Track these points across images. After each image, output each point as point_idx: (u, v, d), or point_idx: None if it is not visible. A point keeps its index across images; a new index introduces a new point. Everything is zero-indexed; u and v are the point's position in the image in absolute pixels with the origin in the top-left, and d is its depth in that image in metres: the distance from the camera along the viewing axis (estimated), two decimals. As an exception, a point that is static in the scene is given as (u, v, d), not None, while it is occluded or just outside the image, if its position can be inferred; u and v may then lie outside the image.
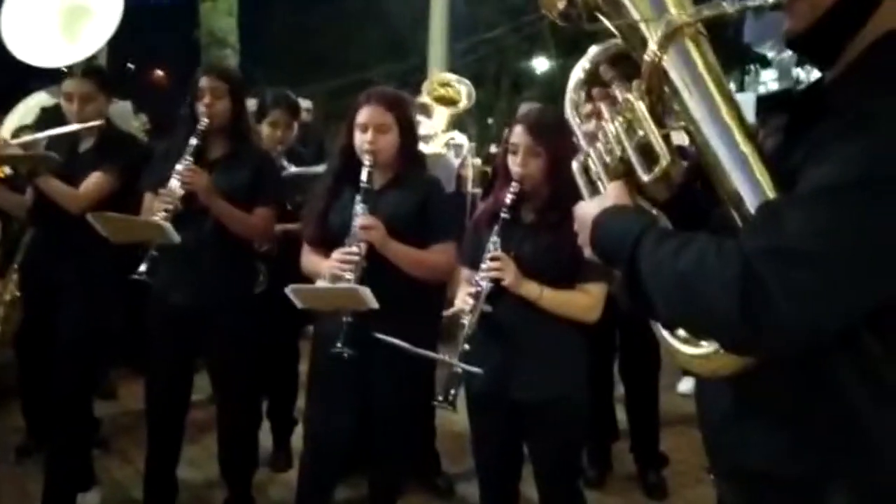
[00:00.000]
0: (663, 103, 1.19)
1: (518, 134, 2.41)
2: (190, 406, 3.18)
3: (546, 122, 2.42)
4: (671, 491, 3.64)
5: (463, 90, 4.66)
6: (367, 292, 2.39)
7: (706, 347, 1.10)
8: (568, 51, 15.95)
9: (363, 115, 2.62)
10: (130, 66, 17.03)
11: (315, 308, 2.64)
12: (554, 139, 2.39)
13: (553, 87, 15.81)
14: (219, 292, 2.96)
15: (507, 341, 2.37)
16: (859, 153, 0.93)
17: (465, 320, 2.32)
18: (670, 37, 1.14)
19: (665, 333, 1.19)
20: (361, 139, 2.61)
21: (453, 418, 2.62)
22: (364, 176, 2.57)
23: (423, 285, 2.67)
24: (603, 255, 1.22)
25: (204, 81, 2.95)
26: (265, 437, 3.74)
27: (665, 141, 1.19)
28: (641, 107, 1.20)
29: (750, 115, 4.41)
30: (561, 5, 1.32)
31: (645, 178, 1.20)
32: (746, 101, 4.66)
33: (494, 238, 2.36)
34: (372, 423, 2.72)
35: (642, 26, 1.19)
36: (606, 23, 1.27)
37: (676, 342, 1.17)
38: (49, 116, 4.00)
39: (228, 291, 3.00)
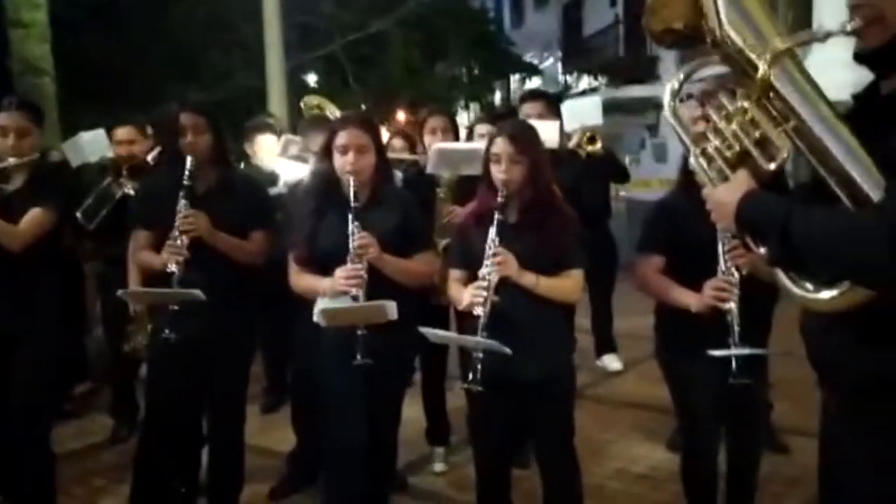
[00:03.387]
0: (767, 108, 1.56)
1: (500, 144, 2.71)
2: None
3: (525, 133, 2.77)
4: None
5: (336, 111, 4.92)
6: (392, 305, 2.61)
7: (831, 292, 1.46)
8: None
9: (344, 138, 2.80)
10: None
11: (336, 325, 2.76)
12: (533, 147, 2.74)
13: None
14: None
15: (511, 326, 2.65)
16: None
17: (479, 311, 2.60)
18: (775, 59, 1.52)
19: (791, 286, 1.54)
20: (343, 161, 2.79)
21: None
22: (351, 196, 2.75)
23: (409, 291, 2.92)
24: (751, 229, 1.55)
25: (184, 118, 2.99)
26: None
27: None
28: (759, 112, 1.56)
29: (597, 116, 5.09)
30: (678, 27, 1.67)
31: (770, 166, 1.55)
32: (593, 104, 5.26)
33: (493, 237, 2.65)
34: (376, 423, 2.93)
35: (748, 52, 1.55)
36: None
37: (803, 291, 1.52)
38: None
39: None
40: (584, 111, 5.11)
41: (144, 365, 3.54)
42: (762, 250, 1.54)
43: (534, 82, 22.12)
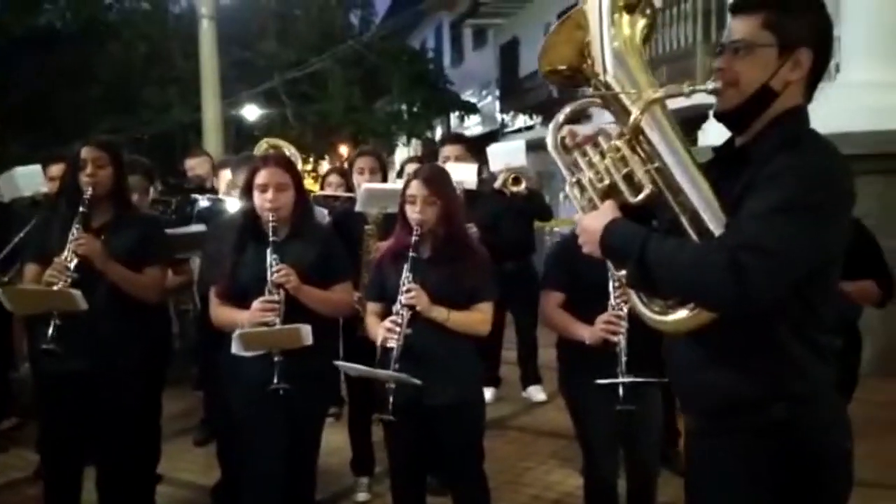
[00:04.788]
0: (636, 149, 1.77)
1: (415, 187, 2.90)
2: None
3: (438, 176, 2.97)
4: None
5: (293, 150, 5.10)
6: (307, 329, 2.74)
7: (678, 314, 1.68)
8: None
9: (263, 177, 2.94)
10: None
11: (252, 350, 2.87)
12: (446, 189, 2.94)
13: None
14: None
15: (422, 357, 2.82)
16: (786, 190, 1.57)
17: (392, 344, 2.77)
18: (647, 106, 1.73)
19: (645, 310, 1.75)
20: (263, 199, 2.94)
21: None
22: (271, 231, 2.90)
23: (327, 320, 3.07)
24: (612, 253, 1.74)
25: (85, 152, 3.07)
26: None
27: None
28: (629, 151, 1.76)
29: (521, 158, 5.36)
30: (562, 69, 1.87)
31: (634, 199, 1.75)
32: (517, 147, 5.53)
33: (407, 273, 2.83)
34: (295, 449, 3.02)
35: (624, 98, 1.77)
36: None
37: (653, 315, 1.73)
38: None
39: None
40: (508, 153, 5.39)
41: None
42: (622, 273, 1.74)
43: (472, 120, 22.54)
